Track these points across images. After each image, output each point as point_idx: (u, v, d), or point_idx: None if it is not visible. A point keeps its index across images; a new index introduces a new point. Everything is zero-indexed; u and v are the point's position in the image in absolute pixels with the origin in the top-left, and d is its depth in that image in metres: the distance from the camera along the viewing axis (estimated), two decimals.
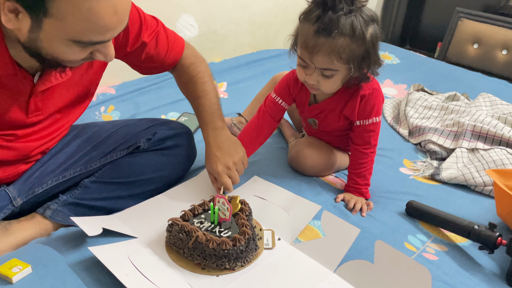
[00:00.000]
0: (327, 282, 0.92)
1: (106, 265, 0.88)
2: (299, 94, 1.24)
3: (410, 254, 1.02)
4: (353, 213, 1.15)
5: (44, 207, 1.04)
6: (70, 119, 1.10)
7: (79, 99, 1.08)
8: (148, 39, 1.09)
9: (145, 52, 1.11)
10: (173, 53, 1.17)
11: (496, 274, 0.99)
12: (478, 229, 1.02)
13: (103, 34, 0.80)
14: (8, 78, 0.88)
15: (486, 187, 1.28)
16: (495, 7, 2.56)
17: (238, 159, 1.12)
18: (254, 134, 1.26)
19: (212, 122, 1.15)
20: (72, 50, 0.81)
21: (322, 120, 1.25)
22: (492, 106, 1.70)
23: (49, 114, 1.01)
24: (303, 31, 1.06)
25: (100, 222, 1.00)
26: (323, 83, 1.10)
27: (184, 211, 1.01)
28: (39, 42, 0.79)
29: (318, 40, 1.02)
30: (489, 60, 2.42)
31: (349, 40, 1.02)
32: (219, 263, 0.93)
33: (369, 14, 1.05)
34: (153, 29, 1.11)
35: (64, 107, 1.05)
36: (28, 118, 0.97)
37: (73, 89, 1.03)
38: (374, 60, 1.09)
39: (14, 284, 0.86)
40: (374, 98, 1.17)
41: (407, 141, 1.58)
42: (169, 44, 1.15)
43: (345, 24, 1.01)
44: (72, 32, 0.77)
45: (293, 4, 2.57)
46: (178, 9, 2.07)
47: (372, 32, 1.05)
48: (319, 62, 1.05)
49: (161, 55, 1.14)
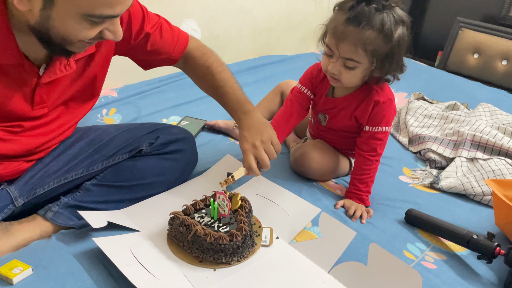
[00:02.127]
0: (321, 281, 0.94)
1: (108, 255, 0.91)
2: (320, 84, 1.27)
3: (409, 262, 1.03)
4: (352, 220, 1.15)
5: (45, 209, 1.04)
6: (75, 116, 1.10)
7: (84, 95, 1.09)
8: (151, 30, 1.11)
9: (149, 44, 1.12)
10: (179, 43, 1.17)
11: (494, 284, 1.00)
12: (476, 239, 1.02)
13: (113, 7, 0.82)
14: (14, 68, 0.89)
15: (485, 197, 1.29)
16: (495, 17, 2.59)
17: (266, 138, 1.10)
18: (283, 121, 1.28)
19: (240, 107, 1.16)
20: (83, 27, 0.82)
21: (332, 117, 1.27)
22: (491, 116, 1.71)
23: (54, 107, 1.03)
24: (335, 18, 1.10)
25: (105, 216, 1.03)
26: (344, 74, 1.12)
27: (186, 206, 1.04)
28: (50, 21, 0.81)
29: (347, 28, 1.06)
30: (489, 70, 2.44)
31: (376, 34, 1.05)
32: (216, 257, 0.95)
33: (400, 15, 1.08)
34: (156, 21, 1.13)
35: (69, 100, 1.06)
36: (33, 111, 0.98)
37: (76, 82, 1.04)
38: (397, 62, 1.12)
39: (15, 285, 0.86)
40: (387, 107, 1.19)
41: (407, 150, 1.58)
42: (173, 35, 1.16)
43: (376, 18, 1.04)
44: (84, 5, 0.79)
45: (295, 11, 2.59)
46: (181, 14, 2.08)
47: (400, 33, 1.08)
48: (344, 50, 1.08)
49: (167, 46, 1.15)
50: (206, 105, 1.73)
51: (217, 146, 1.47)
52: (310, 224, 1.11)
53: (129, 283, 0.85)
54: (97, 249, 0.95)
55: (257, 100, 1.67)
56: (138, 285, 0.84)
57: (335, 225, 1.07)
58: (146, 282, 0.86)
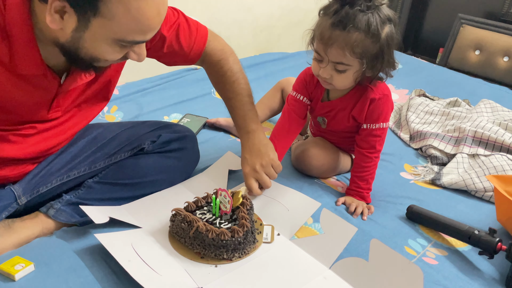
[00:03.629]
0: (322, 277, 0.94)
1: (110, 251, 0.91)
2: (315, 90, 1.26)
3: (410, 258, 1.03)
4: (354, 216, 1.15)
5: (47, 206, 1.05)
6: (85, 118, 1.10)
7: (97, 97, 1.09)
8: (167, 33, 1.10)
9: (166, 46, 1.12)
10: (196, 46, 1.17)
11: (496, 280, 1.00)
12: (478, 234, 1.02)
13: (145, 34, 0.83)
14: (37, 78, 0.90)
15: (487, 193, 1.29)
16: (497, 14, 2.58)
17: (266, 162, 1.13)
18: (283, 135, 1.27)
19: (244, 126, 1.18)
20: (114, 50, 0.84)
21: (331, 119, 1.26)
22: (493, 112, 1.71)
23: (68, 110, 1.03)
24: (321, 24, 1.09)
25: (107, 212, 1.03)
26: (335, 77, 1.11)
27: (187, 202, 1.04)
28: (82, 41, 0.81)
29: (333, 33, 1.05)
30: (490, 66, 2.44)
31: (363, 36, 1.04)
32: (217, 253, 0.96)
33: (386, 14, 1.07)
34: (173, 21, 1.12)
35: (82, 103, 1.06)
36: (48, 114, 0.99)
37: (91, 86, 1.05)
38: (388, 61, 1.11)
39: (17, 281, 0.86)
40: (383, 103, 1.18)
41: (408, 146, 1.58)
42: (191, 36, 1.15)
43: (361, 20, 1.03)
44: (119, 31, 0.80)
45: (296, 8, 2.59)
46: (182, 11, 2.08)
47: (388, 31, 1.07)
48: (333, 55, 1.07)
49: (183, 49, 1.15)
50: (207, 103, 1.74)
51: (218, 143, 1.47)
52: (311, 220, 1.11)
53: (131, 279, 0.85)
54: (99, 245, 0.95)
55: (258, 97, 1.67)
56: (140, 281, 0.85)
57: (336, 221, 1.07)
58: (148, 278, 0.87)
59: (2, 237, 0.96)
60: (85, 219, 1.03)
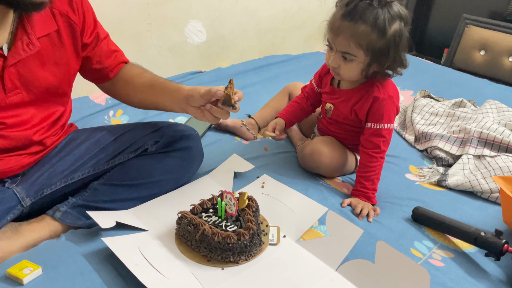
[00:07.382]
0: (328, 279, 0.94)
1: (117, 254, 0.92)
2: (326, 76, 1.34)
3: (416, 260, 1.03)
4: (359, 218, 1.15)
5: (53, 209, 1.05)
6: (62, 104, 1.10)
7: (65, 81, 1.08)
8: (103, 34, 1.14)
9: (98, 46, 1.14)
10: (119, 54, 1.20)
11: (503, 281, 0.99)
12: (484, 236, 1.02)
13: None
14: None
15: (493, 194, 1.28)
16: (502, 14, 2.57)
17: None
18: (296, 107, 1.40)
19: (182, 87, 1.16)
20: None
21: (336, 108, 1.30)
22: (498, 113, 1.70)
23: (33, 94, 1.01)
24: (334, 14, 1.15)
25: (113, 216, 1.04)
26: (343, 67, 1.16)
27: (193, 205, 1.04)
28: None
29: (342, 23, 1.11)
30: (495, 66, 2.43)
31: (370, 29, 1.09)
32: (223, 256, 0.96)
33: (397, 11, 1.11)
34: (103, 29, 1.16)
35: (51, 88, 1.04)
36: (7, 97, 0.96)
37: (48, 65, 1.03)
38: (395, 58, 1.14)
39: (25, 285, 0.87)
40: (386, 104, 1.19)
41: (414, 147, 1.58)
42: (117, 48, 1.20)
43: (369, 14, 1.08)
44: None
45: (300, 10, 2.59)
46: (187, 15, 2.09)
47: (397, 28, 1.10)
48: (340, 44, 1.13)
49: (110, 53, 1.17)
50: None
51: (224, 145, 1.47)
52: (317, 223, 1.11)
53: (138, 282, 0.86)
54: (106, 249, 0.96)
55: (263, 99, 1.67)
56: (147, 284, 0.85)
57: (342, 223, 1.08)
58: (155, 281, 0.87)
59: (9, 240, 0.97)
60: (91, 221, 1.04)
